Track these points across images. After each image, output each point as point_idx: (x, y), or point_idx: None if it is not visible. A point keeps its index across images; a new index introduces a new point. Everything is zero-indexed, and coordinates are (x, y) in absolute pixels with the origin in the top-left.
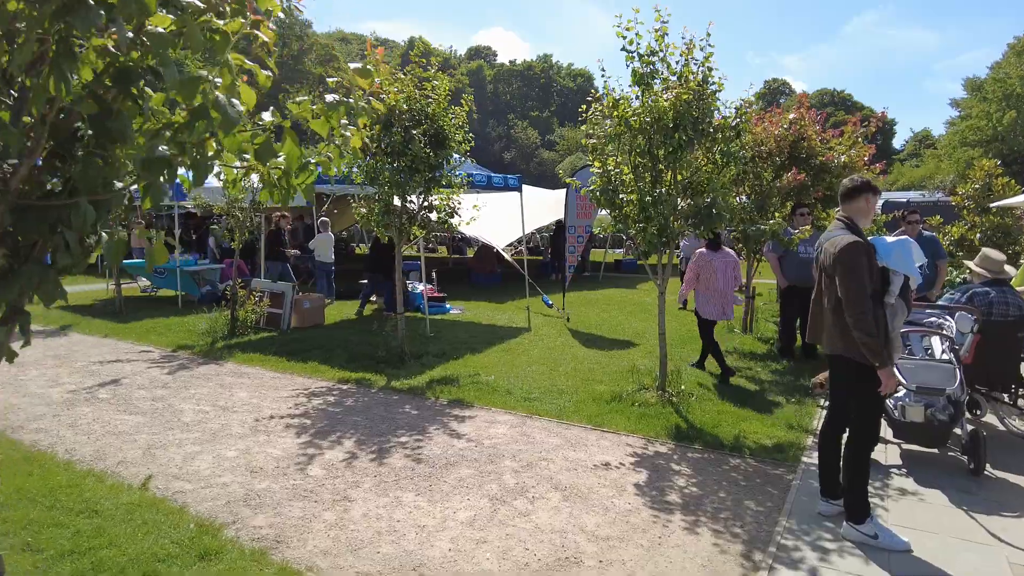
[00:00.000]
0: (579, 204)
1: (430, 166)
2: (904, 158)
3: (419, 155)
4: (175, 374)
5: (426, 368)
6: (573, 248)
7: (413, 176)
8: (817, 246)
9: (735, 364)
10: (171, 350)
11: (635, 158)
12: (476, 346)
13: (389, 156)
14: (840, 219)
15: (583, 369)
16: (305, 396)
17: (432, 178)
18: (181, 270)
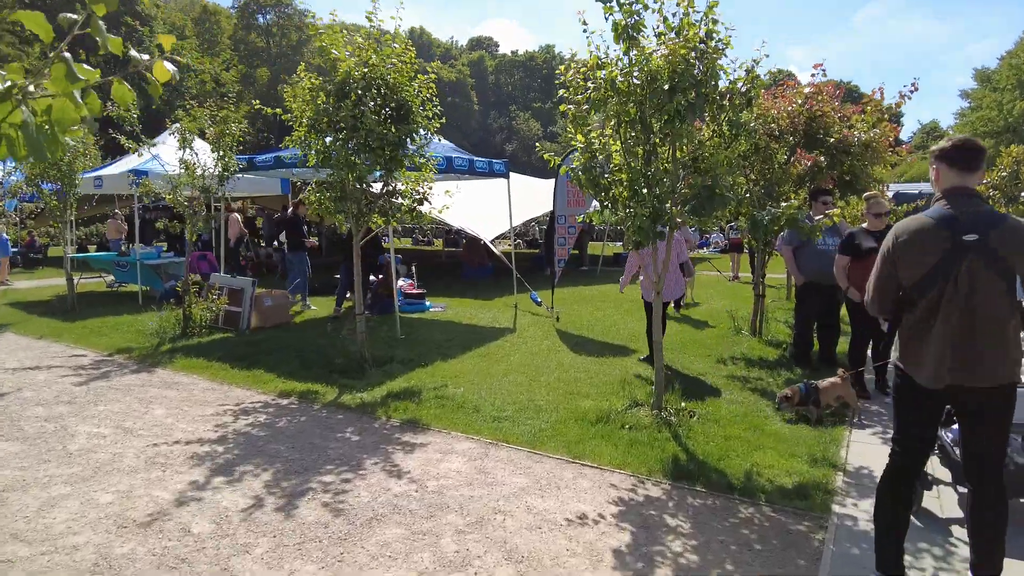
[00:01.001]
0: (571, 191)
1: (390, 143)
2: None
3: (373, 130)
4: (91, 384)
5: (388, 378)
6: (563, 240)
7: (368, 155)
8: (977, 228)
9: (742, 373)
10: (106, 354)
11: (625, 131)
12: (450, 350)
13: (339, 132)
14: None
15: (568, 379)
16: (233, 414)
17: (393, 158)
18: (142, 263)
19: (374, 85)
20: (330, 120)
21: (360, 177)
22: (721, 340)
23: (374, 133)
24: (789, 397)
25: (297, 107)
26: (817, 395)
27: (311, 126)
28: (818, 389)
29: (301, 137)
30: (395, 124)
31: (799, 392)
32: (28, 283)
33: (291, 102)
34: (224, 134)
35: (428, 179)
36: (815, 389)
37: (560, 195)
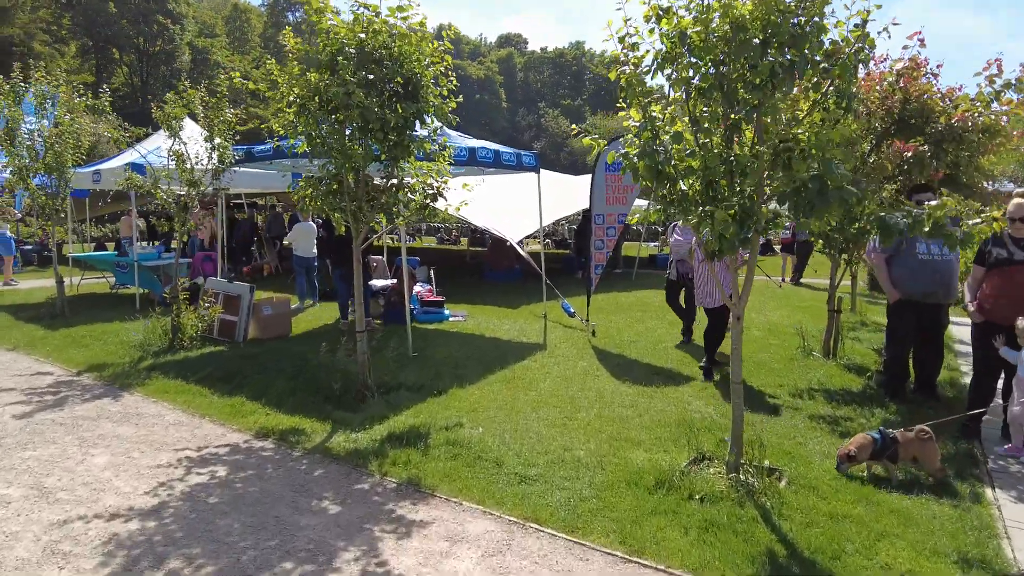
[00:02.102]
0: (610, 186)
1: (394, 127)
2: None
3: (368, 108)
4: (36, 417)
5: (391, 411)
6: (601, 243)
7: (364, 139)
8: None
9: (826, 411)
10: (75, 372)
11: (696, 105)
12: (469, 373)
13: (331, 112)
14: None
15: (612, 417)
16: (189, 465)
17: (398, 144)
18: (140, 264)
19: (374, 55)
20: (322, 99)
21: (357, 167)
22: (790, 364)
23: (370, 113)
24: (852, 456)
25: (284, 82)
26: (895, 448)
27: (301, 106)
28: (897, 441)
29: (289, 119)
30: (401, 102)
31: (871, 444)
32: (34, 283)
33: (277, 75)
34: (218, 120)
35: (443, 170)
36: (893, 441)
37: (598, 191)
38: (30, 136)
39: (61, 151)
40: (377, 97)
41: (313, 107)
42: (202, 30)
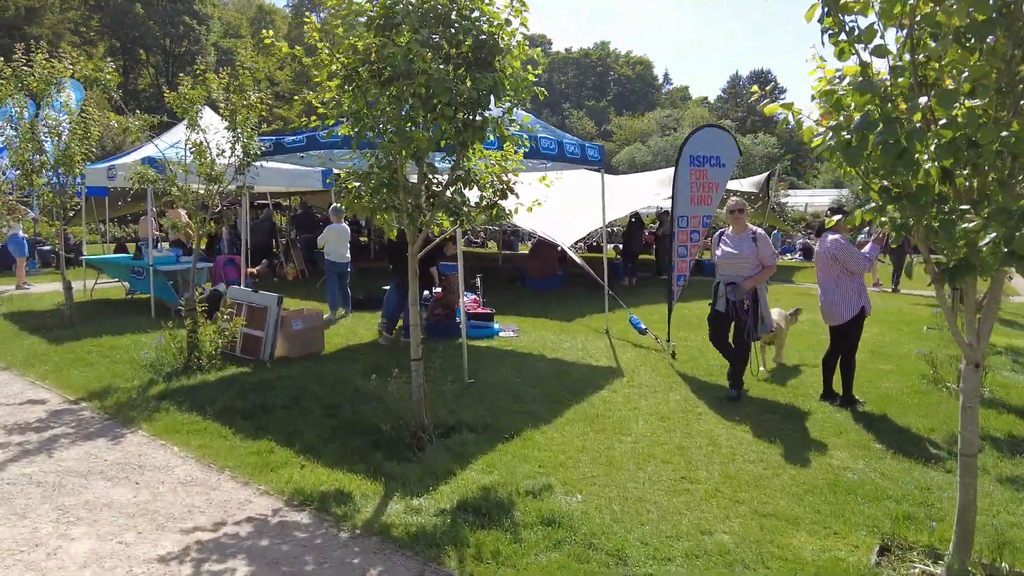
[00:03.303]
0: (695, 183)
1: (464, 103)
2: None
3: (435, 77)
4: (11, 469)
5: (456, 461)
6: (684, 250)
7: (427, 118)
8: None
9: (1010, 470)
10: (73, 399)
11: (954, 50)
12: (540, 407)
13: (387, 85)
14: None
15: (742, 478)
16: (200, 555)
17: (469, 125)
18: (155, 270)
19: (437, 9)
20: (372, 68)
21: (419, 154)
22: (922, 399)
23: (438, 83)
24: None
25: (324, 48)
26: None
27: (346, 77)
28: None
29: (331, 96)
30: (472, 72)
31: None
32: (48, 286)
33: (316, 39)
34: (241, 105)
35: (515, 161)
36: None
37: (681, 189)
38: (33, 127)
39: (68, 143)
40: (444, 63)
41: (361, 78)
42: (227, 31)
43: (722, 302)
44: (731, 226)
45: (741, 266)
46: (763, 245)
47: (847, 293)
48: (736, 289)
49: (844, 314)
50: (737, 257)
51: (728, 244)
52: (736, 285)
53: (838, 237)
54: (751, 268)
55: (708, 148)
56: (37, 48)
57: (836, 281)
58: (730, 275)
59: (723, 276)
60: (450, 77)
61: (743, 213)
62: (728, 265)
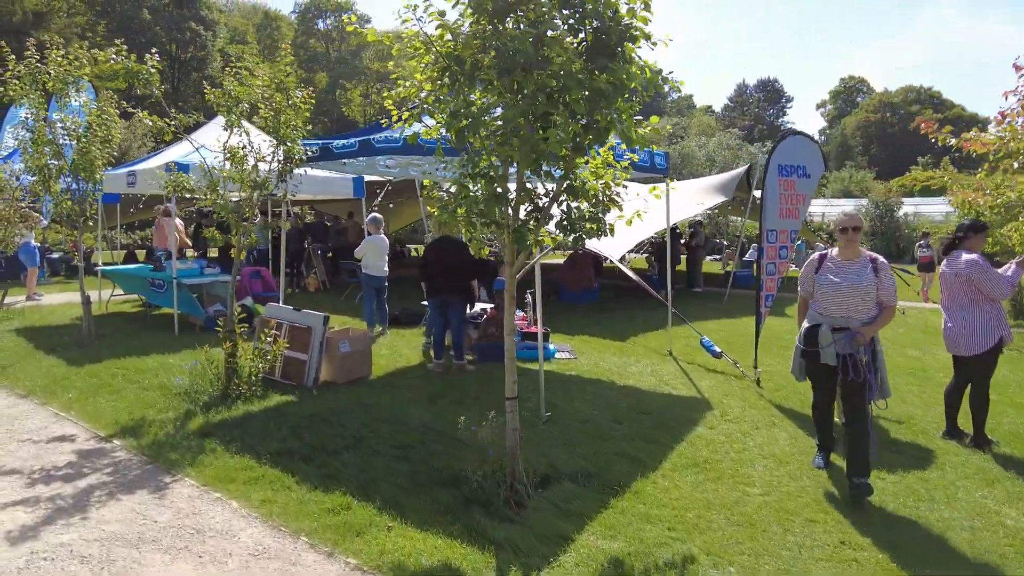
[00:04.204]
0: (785, 196)
1: (594, 96)
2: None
3: (570, 70)
4: (44, 535)
5: (567, 521)
6: (773, 267)
7: (547, 118)
8: None
9: None
10: (105, 436)
11: None
12: (636, 448)
13: (501, 75)
14: None
15: (907, 541)
16: None
17: (593, 126)
18: (179, 283)
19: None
20: (474, 62)
21: (540, 162)
22: None
23: (570, 76)
24: None
25: (411, 36)
26: None
27: (443, 70)
28: None
29: (417, 92)
30: (597, 62)
31: None
32: (60, 297)
33: (409, 29)
34: (286, 107)
35: (619, 168)
36: None
37: (770, 200)
38: (51, 129)
39: (88, 147)
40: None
41: (463, 70)
42: (233, 36)
43: (830, 351)
44: (838, 248)
45: (856, 305)
46: (886, 277)
47: (984, 320)
48: (853, 339)
49: (979, 344)
50: (850, 291)
51: (835, 272)
52: (850, 332)
53: (975, 257)
54: (869, 308)
55: (795, 157)
56: (51, 45)
57: (970, 306)
58: (838, 316)
59: (827, 317)
60: (584, 70)
61: (858, 232)
62: (835, 302)
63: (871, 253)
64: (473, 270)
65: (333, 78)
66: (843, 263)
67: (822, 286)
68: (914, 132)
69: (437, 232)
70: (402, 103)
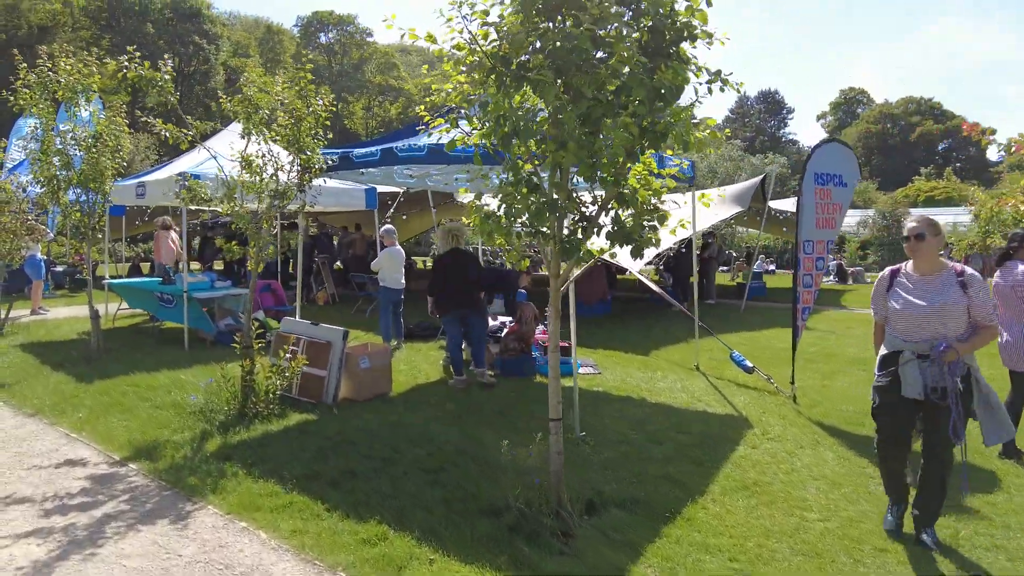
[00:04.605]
0: (820, 205)
1: (650, 98)
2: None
3: (635, 70)
4: (61, 570)
5: (620, 553)
6: (810, 279)
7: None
8: None
9: None
10: (118, 459)
11: None
12: (680, 472)
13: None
14: None
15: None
16: None
17: (650, 130)
18: (189, 297)
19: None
20: (520, 63)
21: (599, 167)
22: None
23: (634, 77)
24: None
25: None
26: None
27: (488, 72)
28: None
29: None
30: (656, 61)
31: None
32: (65, 311)
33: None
34: (307, 114)
35: (667, 176)
36: None
37: (806, 210)
38: (61, 140)
39: (98, 157)
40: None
41: (508, 73)
42: (236, 50)
43: (914, 383)
44: (911, 261)
45: (943, 327)
46: (977, 292)
47: None
48: (942, 355)
49: None
50: (932, 312)
51: (911, 290)
52: (940, 345)
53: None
54: (959, 330)
55: (831, 165)
56: (61, 53)
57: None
58: (920, 340)
59: (907, 342)
60: (645, 70)
61: (923, 240)
62: (916, 325)
63: (957, 264)
64: (492, 282)
65: (335, 91)
66: (920, 278)
67: (897, 306)
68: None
69: (445, 245)
70: (436, 109)
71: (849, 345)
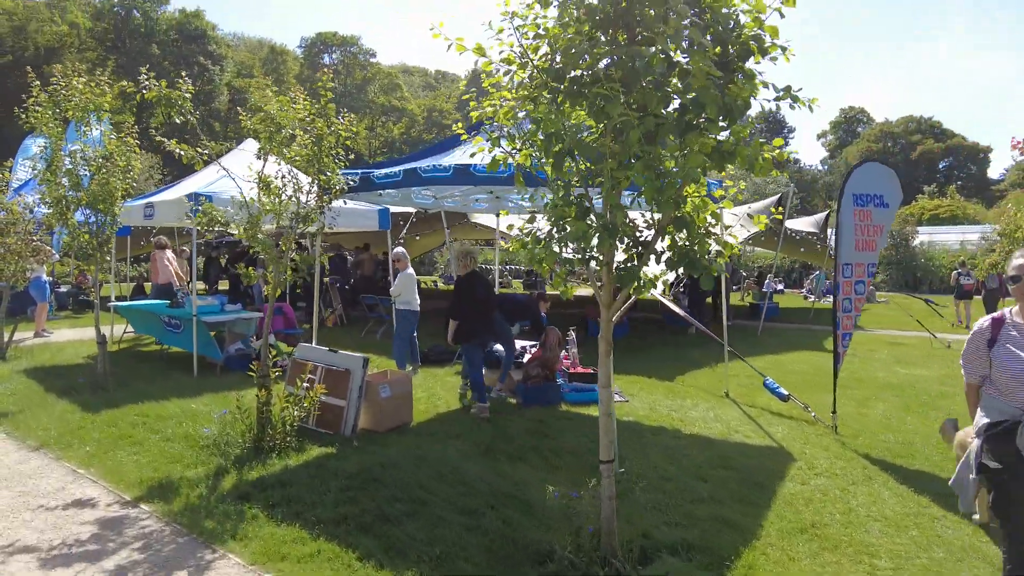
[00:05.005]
0: (859, 226)
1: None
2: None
3: (708, 85)
4: None
5: None
6: (849, 303)
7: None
8: None
9: None
10: (131, 498)
11: None
12: (733, 513)
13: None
14: None
15: None
16: None
17: (717, 146)
18: (198, 321)
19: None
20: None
21: (666, 190)
22: None
23: (707, 93)
24: None
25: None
26: None
27: (540, 85)
28: None
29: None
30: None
31: None
32: (69, 333)
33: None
34: (326, 135)
35: (725, 203)
36: None
37: (845, 232)
38: (71, 159)
39: (108, 177)
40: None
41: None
42: (240, 71)
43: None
44: (1016, 307)
45: None
46: None
47: None
48: None
49: None
50: None
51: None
52: None
53: None
54: None
55: (871, 185)
56: (74, 72)
57: None
58: None
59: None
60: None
61: None
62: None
63: None
64: (510, 309)
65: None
66: None
67: (1008, 365)
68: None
69: (463, 267)
70: (475, 127)
71: (877, 369)
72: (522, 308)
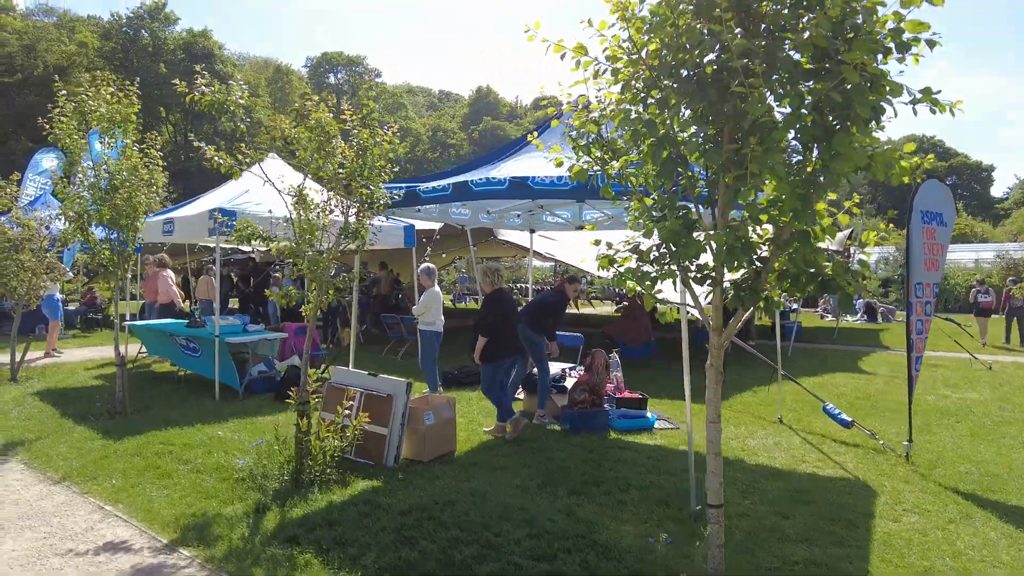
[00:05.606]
0: (928, 245)
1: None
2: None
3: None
4: None
5: None
6: (921, 325)
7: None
8: None
9: None
10: (167, 541)
11: None
12: (832, 558)
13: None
14: None
15: None
16: None
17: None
18: (221, 342)
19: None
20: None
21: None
22: None
23: (860, 90)
24: None
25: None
26: None
27: (650, 83)
28: None
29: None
30: None
31: None
32: (80, 353)
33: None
34: (373, 143)
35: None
36: None
37: (915, 249)
38: (95, 172)
39: (132, 192)
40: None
41: (673, 88)
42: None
43: None
44: None
45: None
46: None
47: None
48: None
49: None
50: None
51: None
52: None
53: None
54: None
55: (934, 203)
56: (103, 81)
57: None
58: None
59: None
60: None
61: None
62: None
63: None
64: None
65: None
66: None
67: None
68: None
69: (490, 285)
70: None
71: (924, 392)
72: (553, 308)
